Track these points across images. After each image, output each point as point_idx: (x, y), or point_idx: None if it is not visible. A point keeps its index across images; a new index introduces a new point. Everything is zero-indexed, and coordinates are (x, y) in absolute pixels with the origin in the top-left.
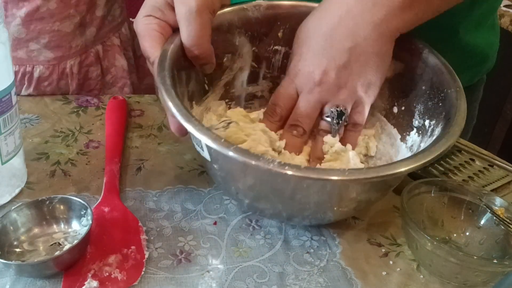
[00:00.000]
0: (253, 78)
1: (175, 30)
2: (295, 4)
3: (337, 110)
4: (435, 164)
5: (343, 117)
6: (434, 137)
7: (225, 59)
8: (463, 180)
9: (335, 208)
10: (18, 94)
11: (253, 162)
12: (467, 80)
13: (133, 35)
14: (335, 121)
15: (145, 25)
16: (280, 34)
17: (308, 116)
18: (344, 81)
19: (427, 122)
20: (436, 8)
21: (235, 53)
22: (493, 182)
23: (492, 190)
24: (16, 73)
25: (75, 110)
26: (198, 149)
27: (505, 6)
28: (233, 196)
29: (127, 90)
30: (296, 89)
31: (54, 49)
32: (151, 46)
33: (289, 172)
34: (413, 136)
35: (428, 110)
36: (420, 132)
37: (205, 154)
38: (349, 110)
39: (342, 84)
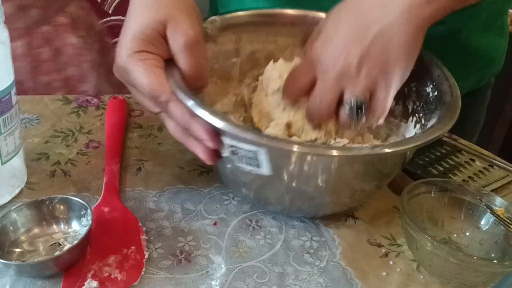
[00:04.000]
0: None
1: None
2: (244, 14)
3: (356, 101)
4: (435, 164)
5: (363, 109)
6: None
7: None
8: (463, 180)
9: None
10: None
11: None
12: (474, 83)
13: (85, 14)
14: (354, 113)
15: (142, 62)
16: (235, 46)
17: (326, 107)
18: (365, 68)
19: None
20: None
21: None
22: (493, 182)
23: (492, 190)
24: None
25: (75, 110)
26: (241, 164)
27: None
28: (240, 189)
29: (86, 66)
30: (314, 74)
31: None
32: (160, 84)
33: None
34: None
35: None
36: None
37: (262, 159)
38: (367, 99)
39: (363, 72)
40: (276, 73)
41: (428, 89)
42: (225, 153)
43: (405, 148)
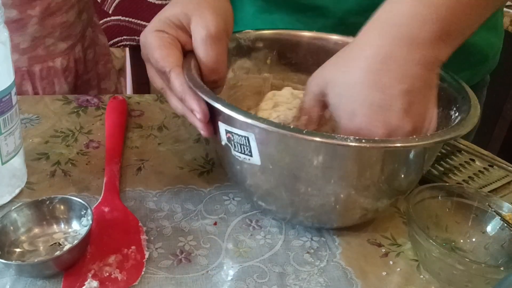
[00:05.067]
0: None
1: (187, 51)
2: (279, 32)
3: None
4: (435, 164)
5: None
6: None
7: (225, 86)
8: (463, 180)
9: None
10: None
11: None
12: (466, 80)
13: None
14: None
15: (158, 38)
16: (268, 61)
17: None
18: (408, 125)
19: None
20: (474, 24)
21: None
22: (493, 182)
23: (492, 190)
24: (40, 71)
25: (75, 110)
26: (236, 152)
27: (505, 6)
28: (246, 189)
29: (110, 66)
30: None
31: (65, 39)
32: (167, 55)
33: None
34: None
35: None
36: None
37: (252, 146)
38: None
39: (406, 128)
40: (271, 103)
41: (452, 112)
42: (223, 141)
43: (422, 143)
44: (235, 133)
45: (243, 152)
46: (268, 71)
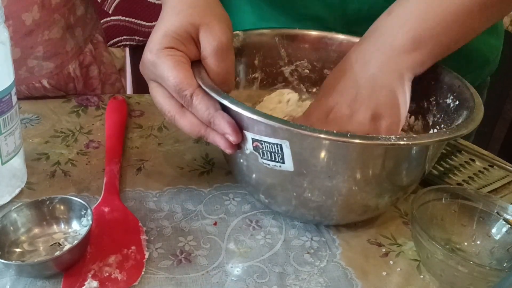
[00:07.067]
0: None
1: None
2: (264, 32)
3: None
4: (435, 165)
5: None
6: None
7: None
8: (463, 180)
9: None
10: None
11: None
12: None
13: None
14: None
15: (171, 57)
16: (256, 62)
17: None
18: (354, 111)
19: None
20: (449, 45)
21: None
22: (493, 183)
23: (492, 191)
24: (27, 90)
25: (75, 110)
26: (264, 159)
27: None
28: (251, 184)
29: (119, 85)
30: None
31: (52, 58)
32: (186, 77)
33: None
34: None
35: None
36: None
37: (286, 153)
38: None
39: (353, 115)
40: (271, 105)
41: (449, 101)
42: (248, 149)
43: (431, 141)
44: (265, 142)
45: (273, 159)
46: (256, 72)
